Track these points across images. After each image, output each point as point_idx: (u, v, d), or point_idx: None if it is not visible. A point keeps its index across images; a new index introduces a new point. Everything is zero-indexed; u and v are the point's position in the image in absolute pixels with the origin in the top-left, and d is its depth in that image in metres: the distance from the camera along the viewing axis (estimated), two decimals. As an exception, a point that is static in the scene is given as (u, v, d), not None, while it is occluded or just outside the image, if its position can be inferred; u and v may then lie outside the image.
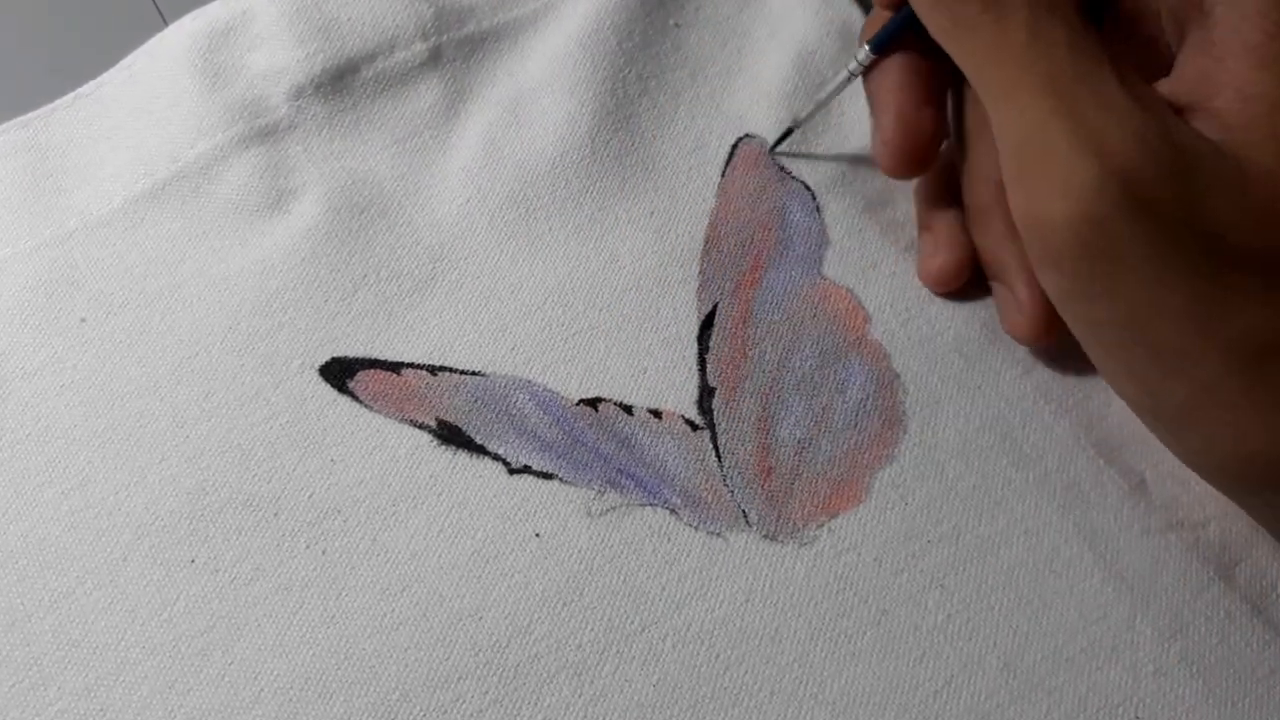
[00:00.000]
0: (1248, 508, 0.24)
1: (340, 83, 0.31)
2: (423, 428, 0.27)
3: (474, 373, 0.28)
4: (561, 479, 0.26)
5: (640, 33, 0.32)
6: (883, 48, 0.26)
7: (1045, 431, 0.26)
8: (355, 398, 0.27)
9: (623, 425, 0.27)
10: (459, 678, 0.24)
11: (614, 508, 0.26)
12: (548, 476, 0.26)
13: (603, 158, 0.30)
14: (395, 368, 0.28)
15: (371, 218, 0.30)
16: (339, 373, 0.28)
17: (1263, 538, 0.25)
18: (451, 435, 0.27)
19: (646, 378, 0.27)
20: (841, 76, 0.28)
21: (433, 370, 0.28)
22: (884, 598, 0.25)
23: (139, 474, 0.26)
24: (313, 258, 0.29)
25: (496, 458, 0.27)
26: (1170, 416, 0.22)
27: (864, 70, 0.27)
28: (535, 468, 0.26)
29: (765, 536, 0.26)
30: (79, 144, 0.31)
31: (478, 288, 0.29)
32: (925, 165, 0.27)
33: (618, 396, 0.27)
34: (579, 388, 0.27)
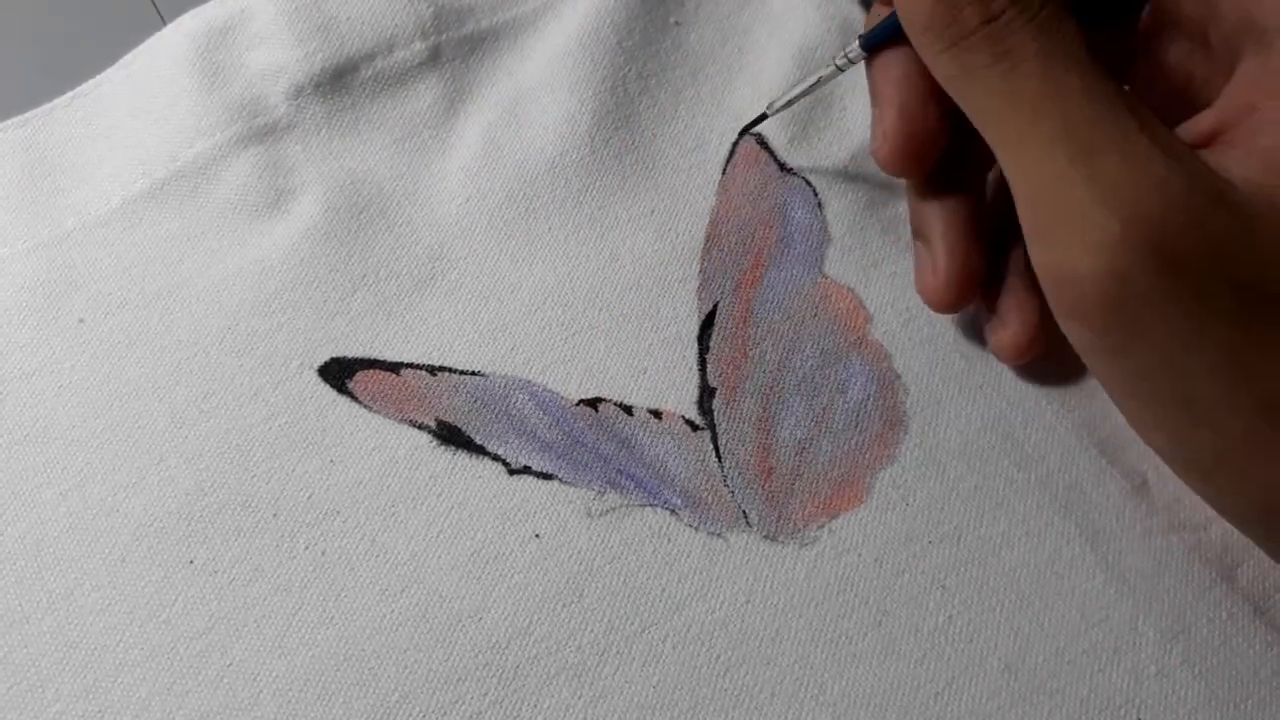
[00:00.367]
0: (1273, 553, 0.23)
1: (339, 82, 0.31)
2: (422, 428, 0.27)
3: (473, 373, 0.28)
4: (561, 479, 0.26)
5: (640, 31, 0.31)
6: (875, 45, 0.25)
7: (1047, 432, 0.26)
8: (354, 398, 0.27)
9: (623, 425, 0.27)
10: (459, 679, 0.24)
11: (614, 508, 0.26)
12: (547, 477, 0.26)
13: (603, 157, 0.30)
14: (394, 368, 0.28)
15: (371, 217, 0.30)
16: (338, 373, 0.28)
17: (1265, 539, 0.25)
18: (451, 436, 0.27)
19: (646, 378, 0.27)
20: (829, 70, 0.27)
21: (432, 370, 0.28)
22: (885, 599, 0.25)
23: (138, 475, 0.26)
24: (312, 258, 0.29)
25: (496, 458, 0.26)
26: (1200, 465, 0.22)
27: (851, 66, 0.26)
28: (535, 468, 0.26)
29: (766, 537, 0.26)
30: (77, 143, 0.31)
31: (477, 287, 0.29)
32: (925, 164, 0.25)
33: (618, 397, 0.27)
34: (579, 388, 0.27)
